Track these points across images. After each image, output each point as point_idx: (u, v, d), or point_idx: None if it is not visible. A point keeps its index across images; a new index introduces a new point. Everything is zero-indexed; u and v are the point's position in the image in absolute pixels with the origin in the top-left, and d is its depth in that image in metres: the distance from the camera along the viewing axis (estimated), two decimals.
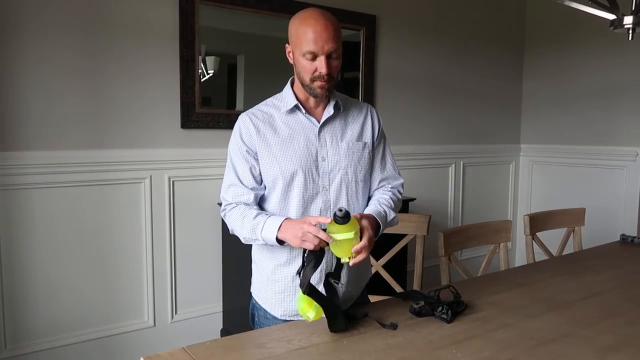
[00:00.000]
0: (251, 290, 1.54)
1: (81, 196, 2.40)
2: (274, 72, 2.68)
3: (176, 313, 2.71)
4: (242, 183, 1.41)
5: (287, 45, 1.39)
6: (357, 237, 1.24)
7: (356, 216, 1.28)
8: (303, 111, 1.42)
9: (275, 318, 1.46)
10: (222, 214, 1.45)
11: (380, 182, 1.53)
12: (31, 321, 2.34)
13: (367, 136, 1.49)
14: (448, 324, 1.34)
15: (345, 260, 1.25)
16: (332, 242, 1.22)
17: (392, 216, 1.45)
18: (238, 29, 2.80)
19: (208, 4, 2.61)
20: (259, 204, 1.44)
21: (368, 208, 1.45)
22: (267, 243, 1.34)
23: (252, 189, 1.41)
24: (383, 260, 2.20)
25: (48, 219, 2.33)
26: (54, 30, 2.27)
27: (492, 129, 3.98)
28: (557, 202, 3.48)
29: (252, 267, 1.54)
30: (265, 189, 1.43)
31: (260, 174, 1.42)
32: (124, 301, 2.56)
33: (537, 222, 2.39)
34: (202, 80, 2.67)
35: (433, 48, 3.54)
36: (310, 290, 1.23)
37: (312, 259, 1.24)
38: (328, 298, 1.28)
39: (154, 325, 2.65)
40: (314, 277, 1.28)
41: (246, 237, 1.37)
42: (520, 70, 4.12)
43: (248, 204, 1.40)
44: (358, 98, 3.16)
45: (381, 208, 1.42)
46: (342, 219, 1.20)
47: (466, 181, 3.85)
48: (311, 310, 1.24)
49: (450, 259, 1.97)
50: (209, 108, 2.70)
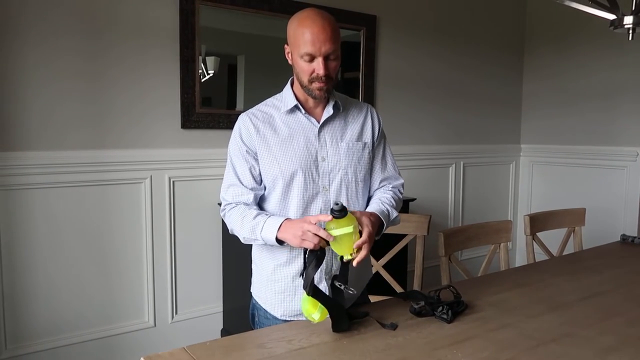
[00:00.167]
0: (251, 290, 1.54)
1: (82, 196, 2.40)
2: (274, 73, 2.68)
3: (176, 313, 2.71)
4: (242, 183, 1.41)
5: (286, 46, 1.39)
6: (357, 233, 1.24)
7: (357, 213, 1.28)
8: (303, 111, 1.42)
9: (275, 318, 1.46)
10: (222, 214, 1.45)
11: (380, 182, 1.53)
12: (32, 321, 2.34)
13: (367, 136, 1.49)
14: (448, 324, 1.34)
15: (347, 258, 1.25)
16: (332, 240, 1.22)
17: (395, 215, 1.46)
18: (238, 29, 2.80)
19: (208, 4, 2.61)
20: (259, 204, 1.44)
21: (370, 207, 1.45)
22: (267, 243, 1.34)
23: (252, 189, 1.41)
24: (383, 260, 2.20)
25: (49, 219, 2.34)
26: (55, 32, 2.27)
27: (493, 129, 3.98)
28: (558, 202, 3.48)
29: (252, 267, 1.54)
30: (265, 189, 1.43)
31: (260, 174, 1.42)
32: (125, 301, 2.56)
33: (538, 222, 2.39)
34: (203, 80, 2.67)
35: (433, 48, 3.55)
36: (314, 291, 1.23)
37: (313, 260, 1.24)
38: (332, 299, 1.28)
39: (155, 325, 2.65)
40: (314, 277, 1.28)
41: (246, 237, 1.37)
42: (520, 70, 4.12)
43: (248, 204, 1.40)
44: (358, 98, 3.16)
45: (384, 207, 1.42)
46: (339, 212, 1.21)
47: (466, 181, 3.85)
48: (316, 311, 1.24)
49: (450, 259, 1.97)
50: (209, 108, 2.71)
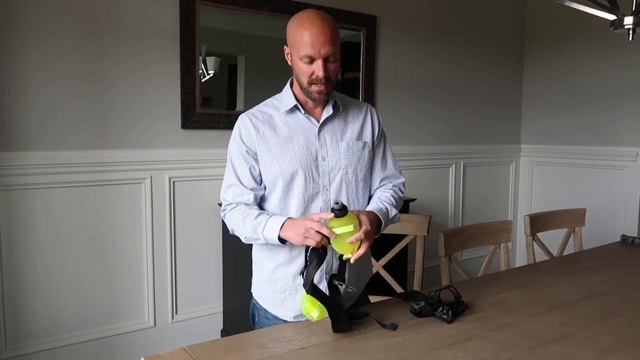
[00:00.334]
0: (251, 290, 1.54)
1: (82, 196, 2.40)
2: (274, 73, 2.68)
3: (176, 313, 2.71)
4: (242, 183, 1.41)
5: (286, 47, 1.38)
6: (357, 231, 1.25)
7: (356, 212, 1.29)
8: (302, 111, 1.42)
9: (275, 318, 1.46)
10: (222, 214, 1.45)
11: (381, 181, 1.53)
12: (32, 321, 2.34)
13: (367, 135, 1.49)
14: (448, 324, 1.34)
15: (347, 256, 1.25)
16: (334, 238, 1.22)
17: (394, 213, 1.46)
18: (238, 30, 2.80)
19: (208, 5, 2.61)
20: (259, 204, 1.44)
21: (369, 205, 1.45)
22: (269, 242, 1.34)
23: (252, 189, 1.41)
24: (383, 260, 2.20)
25: (49, 219, 2.34)
26: (55, 32, 2.27)
27: (493, 130, 3.98)
28: (558, 203, 3.48)
29: (252, 267, 1.54)
30: (265, 189, 1.43)
31: (260, 174, 1.42)
32: (125, 301, 2.56)
33: (538, 223, 2.39)
34: (203, 80, 2.67)
35: (433, 48, 3.55)
36: (313, 290, 1.24)
37: (315, 258, 1.24)
38: (332, 298, 1.28)
39: (155, 325, 2.65)
40: (315, 276, 1.28)
41: (247, 237, 1.37)
42: (520, 70, 4.11)
43: (248, 204, 1.40)
44: (358, 98, 3.16)
45: (382, 205, 1.43)
46: (340, 211, 1.21)
47: (466, 181, 3.85)
48: (315, 310, 1.25)
49: (450, 259, 1.97)
50: (210, 108, 2.71)
